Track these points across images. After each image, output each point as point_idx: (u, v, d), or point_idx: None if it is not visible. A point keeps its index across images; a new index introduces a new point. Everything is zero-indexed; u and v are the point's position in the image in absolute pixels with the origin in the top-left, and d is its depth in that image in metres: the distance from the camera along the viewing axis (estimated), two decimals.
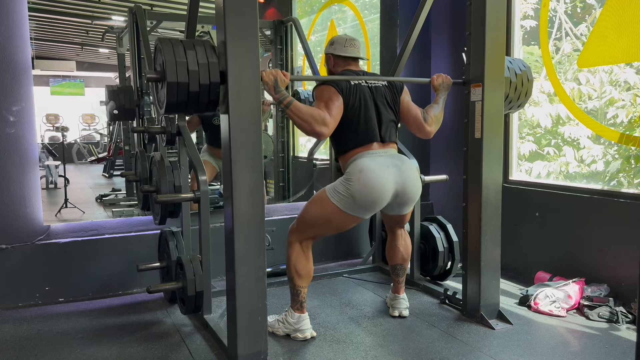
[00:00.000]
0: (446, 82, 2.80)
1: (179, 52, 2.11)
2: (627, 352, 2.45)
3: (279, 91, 2.35)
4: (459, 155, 2.96)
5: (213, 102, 2.21)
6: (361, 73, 2.68)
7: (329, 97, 2.49)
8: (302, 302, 2.61)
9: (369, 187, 2.44)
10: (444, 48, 4.32)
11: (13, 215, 3.16)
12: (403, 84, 2.77)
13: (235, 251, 2.21)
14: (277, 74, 2.35)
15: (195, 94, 2.15)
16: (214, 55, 2.17)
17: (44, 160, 8.41)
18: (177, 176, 2.79)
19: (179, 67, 2.10)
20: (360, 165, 2.48)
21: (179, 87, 2.11)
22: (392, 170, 2.51)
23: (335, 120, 2.47)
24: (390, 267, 3.00)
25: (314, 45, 6.26)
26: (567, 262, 3.30)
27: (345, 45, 2.69)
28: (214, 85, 2.16)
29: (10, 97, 3.11)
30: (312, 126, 2.38)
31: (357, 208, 2.49)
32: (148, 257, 3.21)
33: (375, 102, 2.60)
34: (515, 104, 3.02)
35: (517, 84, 2.94)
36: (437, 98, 2.78)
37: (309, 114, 2.37)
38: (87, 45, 11.67)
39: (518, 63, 3.02)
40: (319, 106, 2.46)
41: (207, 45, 2.19)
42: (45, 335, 2.74)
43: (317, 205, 2.57)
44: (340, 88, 2.51)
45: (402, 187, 2.54)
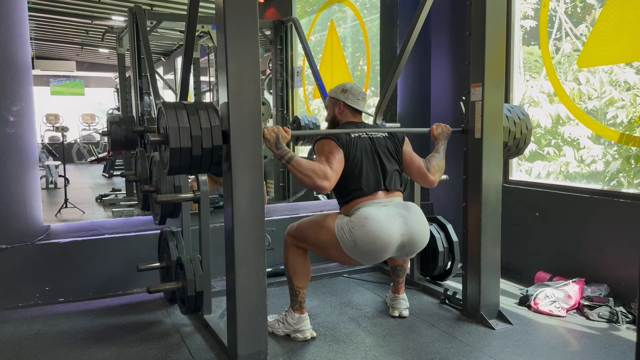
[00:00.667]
0: (445, 131, 2.81)
1: (182, 118, 2.12)
2: (627, 352, 2.45)
3: (280, 147, 2.35)
4: (459, 155, 2.96)
5: (215, 163, 2.22)
6: (362, 125, 2.69)
7: (329, 150, 2.48)
8: (301, 302, 2.61)
9: (374, 236, 2.39)
10: (444, 48, 4.32)
11: (13, 215, 3.16)
12: (404, 135, 2.77)
13: (235, 251, 2.21)
14: (278, 131, 2.35)
15: (198, 158, 2.16)
16: (216, 119, 2.17)
17: (44, 160, 8.41)
18: (177, 176, 2.79)
19: (182, 133, 2.10)
20: (366, 213, 2.44)
21: (182, 152, 2.12)
22: (399, 221, 2.46)
23: (337, 174, 2.45)
24: (390, 267, 3.00)
25: (314, 45, 6.26)
26: (567, 262, 3.30)
27: (358, 97, 2.70)
28: (216, 148, 2.17)
29: (10, 97, 3.11)
30: (313, 180, 2.36)
31: (358, 254, 2.46)
32: (148, 257, 3.21)
33: (377, 153, 2.59)
34: (513, 151, 3.02)
35: (516, 132, 2.93)
36: (438, 147, 2.79)
37: (310, 169, 2.36)
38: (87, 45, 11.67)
39: (517, 111, 3.00)
40: (320, 160, 2.46)
41: (210, 109, 2.19)
42: (45, 335, 2.74)
43: (321, 231, 2.53)
44: (340, 141, 2.51)
45: (409, 238, 2.49)
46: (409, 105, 4.40)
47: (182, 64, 2.95)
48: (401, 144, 2.70)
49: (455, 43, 4.20)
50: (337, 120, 2.73)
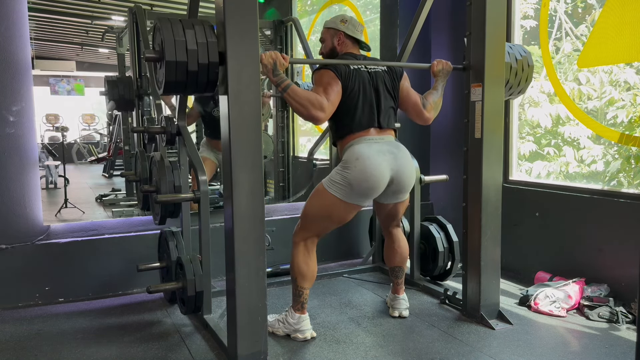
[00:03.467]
0: (446, 68, 2.79)
1: (178, 31, 2.09)
2: (627, 352, 2.45)
3: (277, 74, 2.34)
4: (459, 155, 2.96)
5: (212, 82, 2.19)
6: (361, 57, 2.67)
7: (327, 81, 2.48)
8: (303, 302, 2.61)
9: (366, 173, 2.45)
10: (444, 48, 4.32)
11: (13, 215, 3.16)
12: (403, 70, 2.76)
13: (235, 251, 2.21)
14: (276, 56, 2.33)
15: (194, 74, 2.13)
16: (213, 35, 2.15)
17: (44, 160, 8.40)
18: (177, 176, 2.79)
19: (178, 46, 2.08)
20: (357, 152, 2.49)
21: (178, 67, 2.09)
22: (388, 157, 2.52)
23: (333, 105, 2.47)
24: (389, 268, 3.00)
25: (314, 45, 6.26)
26: (567, 262, 3.30)
27: (358, 29, 2.69)
28: (212, 65, 2.14)
29: (10, 97, 3.11)
30: (309, 110, 2.38)
31: (355, 196, 2.50)
32: (148, 257, 3.21)
33: (374, 88, 2.59)
34: (515, 89, 3.01)
35: (518, 69, 2.93)
36: (436, 84, 2.78)
37: (306, 98, 2.37)
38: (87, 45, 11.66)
39: (518, 49, 3.01)
40: (317, 90, 2.46)
41: (206, 25, 2.17)
42: (45, 335, 2.74)
43: (316, 199, 2.58)
44: (339, 72, 2.50)
45: (397, 173, 2.55)
46: None
47: None
48: (399, 79, 2.70)
49: (455, 43, 4.20)
50: (336, 51, 2.71)
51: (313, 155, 4.58)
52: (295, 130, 5.93)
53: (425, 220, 3.52)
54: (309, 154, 4.63)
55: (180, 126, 2.93)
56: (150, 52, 2.21)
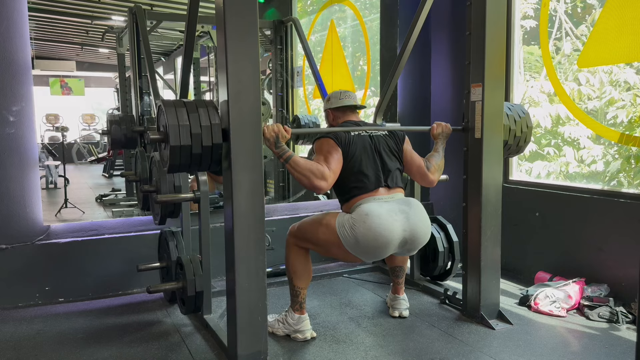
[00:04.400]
0: (445, 130, 2.81)
1: (182, 115, 2.12)
2: (627, 352, 2.45)
3: (279, 146, 2.35)
4: (459, 155, 2.96)
5: (215, 161, 2.21)
6: (361, 123, 2.69)
7: (327, 150, 2.48)
8: (301, 302, 2.61)
9: (376, 233, 2.38)
10: (444, 48, 4.32)
11: (13, 215, 3.16)
12: (404, 134, 2.77)
13: (235, 251, 2.21)
14: (278, 130, 2.35)
15: (198, 156, 2.16)
16: (216, 117, 2.17)
17: (44, 160, 8.41)
18: (177, 176, 2.79)
19: (182, 131, 2.10)
20: (367, 209, 2.43)
21: (182, 150, 2.12)
22: (400, 217, 2.45)
23: (335, 174, 2.45)
24: (389, 268, 3.00)
25: (314, 45, 6.26)
26: (567, 262, 3.30)
27: (340, 97, 2.71)
28: (216, 146, 2.17)
29: (10, 97, 3.11)
30: (310, 181, 2.37)
31: (359, 251, 2.46)
32: (148, 257, 3.21)
33: (377, 150, 2.59)
34: (513, 149, 3.02)
35: (516, 130, 2.93)
36: (437, 146, 2.79)
37: (307, 169, 2.37)
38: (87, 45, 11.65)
39: (518, 109, 3.00)
40: (318, 160, 2.46)
41: (210, 106, 2.19)
42: (45, 335, 2.74)
43: (322, 229, 2.53)
44: (339, 140, 2.51)
45: (411, 234, 2.48)
46: (409, 105, 4.40)
47: (182, 64, 2.95)
48: (402, 142, 2.70)
49: (455, 43, 4.20)
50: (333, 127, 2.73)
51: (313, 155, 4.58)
52: None
53: None
54: (309, 154, 4.63)
55: None
56: (154, 134, 2.23)
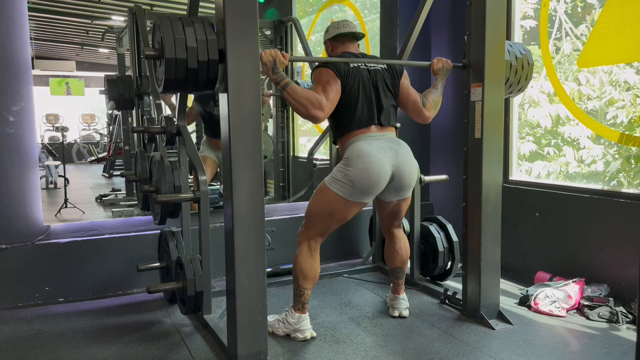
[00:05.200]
0: (446, 66, 2.79)
1: (178, 29, 2.09)
2: (627, 352, 2.45)
3: (276, 72, 2.34)
4: (459, 155, 2.96)
5: (211, 80, 2.19)
6: (360, 55, 2.67)
7: (326, 80, 2.48)
8: (304, 302, 2.61)
9: (367, 170, 2.45)
10: (444, 48, 4.32)
11: (13, 215, 3.16)
12: (403, 68, 2.76)
13: (235, 251, 2.21)
14: (276, 54, 2.34)
15: (193, 71, 2.13)
16: (212, 33, 2.15)
17: (44, 160, 8.40)
18: (177, 176, 2.79)
19: (178, 44, 2.08)
20: (358, 149, 2.49)
21: (177, 64, 2.09)
22: (389, 153, 2.52)
23: (332, 104, 2.47)
24: (389, 270, 2.99)
25: (314, 45, 6.26)
26: (567, 262, 3.30)
27: (338, 27, 2.69)
28: (212, 62, 2.14)
29: (10, 97, 3.11)
30: (307, 109, 2.38)
31: (357, 193, 2.50)
32: (148, 257, 3.21)
33: (374, 86, 2.59)
34: (515, 87, 3.01)
35: (517, 67, 2.93)
36: (436, 82, 2.78)
37: (305, 97, 2.37)
38: (87, 45, 11.66)
39: (518, 47, 3.01)
40: (316, 89, 2.45)
41: (206, 22, 2.17)
42: (45, 335, 2.74)
43: (319, 197, 2.58)
44: (338, 71, 2.50)
45: (398, 169, 2.55)
46: None
47: None
48: (399, 77, 2.69)
49: (455, 43, 4.20)
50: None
51: (313, 155, 4.58)
52: (295, 130, 5.93)
53: (425, 220, 3.52)
54: (309, 154, 4.63)
55: (180, 126, 2.93)
56: (149, 50, 2.21)
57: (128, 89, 5.12)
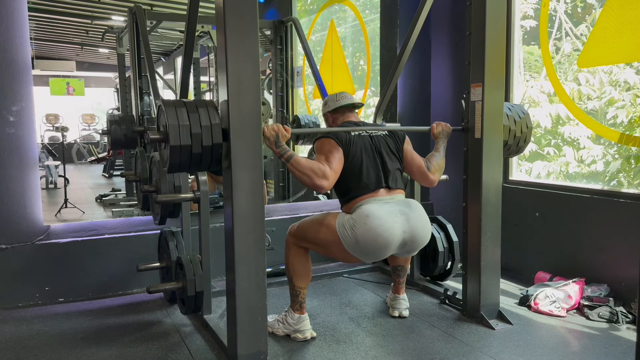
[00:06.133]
0: (446, 130, 2.81)
1: (182, 115, 2.12)
2: (627, 352, 2.45)
3: (279, 146, 2.35)
4: (459, 155, 2.96)
5: (215, 160, 2.22)
6: (361, 123, 2.69)
7: (328, 149, 2.48)
8: (301, 302, 2.61)
9: (376, 234, 2.38)
10: (444, 48, 4.32)
11: (13, 215, 3.16)
12: (404, 133, 2.77)
13: (235, 251, 2.21)
14: (278, 129, 2.35)
15: (198, 155, 2.16)
16: (216, 116, 2.17)
17: (44, 160, 8.41)
18: (177, 176, 2.79)
19: (182, 131, 2.10)
20: (367, 210, 2.43)
21: (182, 150, 2.12)
22: (400, 218, 2.45)
23: (336, 173, 2.45)
24: (391, 267, 2.99)
25: (314, 45, 6.26)
26: (567, 262, 3.30)
27: (337, 99, 2.72)
28: (216, 146, 2.17)
29: (10, 97, 3.11)
30: (312, 180, 2.37)
31: (359, 252, 2.46)
32: (148, 257, 3.21)
33: (378, 151, 2.59)
34: (513, 150, 3.01)
35: (516, 131, 2.93)
36: (438, 146, 2.79)
37: (309, 168, 2.36)
38: (87, 45, 11.66)
39: (518, 110, 3.00)
40: (319, 159, 2.46)
41: (210, 106, 2.19)
42: (45, 335, 2.74)
43: (322, 230, 2.53)
44: (339, 140, 2.50)
45: (411, 235, 2.48)
46: (409, 105, 4.40)
47: (182, 64, 2.95)
48: (402, 142, 2.70)
49: (455, 43, 4.20)
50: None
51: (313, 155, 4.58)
52: None
53: None
54: (309, 154, 4.63)
55: None
56: (154, 134, 2.23)
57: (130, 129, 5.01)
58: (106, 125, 4.80)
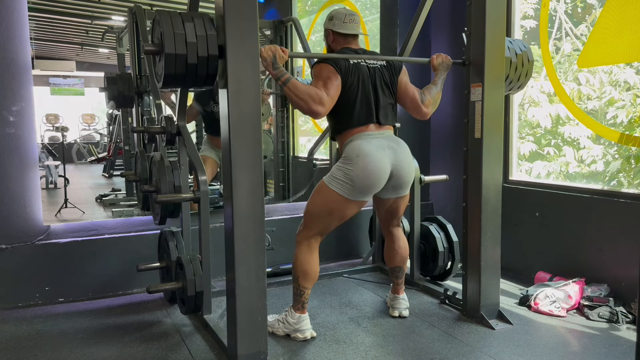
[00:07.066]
0: (446, 61, 2.79)
1: (178, 24, 2.10)
2: (627, 352, 2.45)
3: (277, 67, 2.34)
4: (459, 155, 2.96)
5: (211, 75, 2.19)
6: (360, 51, 2.66)
7: (327, 75, 2.48)
8: (304, 302, 2.61)
9: (367, 170, 2.47)
10: (444, 48, 4.32)
11: (13, 215, 3.16)
12: (402, 64, 2.76)
13: (235, 251, 2.21)
14: (275, 49, 2.33)
15: (193, 67, 2.13)
16: (212, 28, 2.15)
17: (44, 160, 8.40)
18: (177, 176, 2.79)
19: (177, 39, 2.08)
20: (358, 148, 2.50)
21: (177, 59, 2.09)
22: (388, 152, 2.54)
23: (333, 100, 2.47)
24: (389, 269, 2.99)
25: (314, 45, 6.26)
26: (567, 262, 3.30)
27: (344, 20, 2.66)
28: (212, 58, 2.14)
29: (10, 97, 3.11)
30: (308, 105, 2.38)
31: (356, 192, 2.51)
32: (148, 257, 3.21)
33: (373, 83, 2.60)
34: (515, 84, 3.00)
35: (518, 64, 2.93)
36: (436, 78, 2.77)
37: (306, 93, 2.37)
38: (87, 45, 11.67)
39: (518, 43, 3.01)
40: (316, 84, 2.45)
41: (205, 18, 2.17)
42: (45, 335, 2.74)
43: (318, 196, 2.59)
44: (338, 67, 2.50)
45: (397, 168, 2.57)
46: None
47: None
48: (397, 74, 2.69)
49: (455, 43, 4.20)
50: (332, 50, 2.71)
51: (313, 155, 4.58)
52: (295, 130, 5.92)
53: (425, 220, 3.52)
54: (309, 154, 4.63)
55: (180, 126, 2.93)
56: (149, 45, 2.20)
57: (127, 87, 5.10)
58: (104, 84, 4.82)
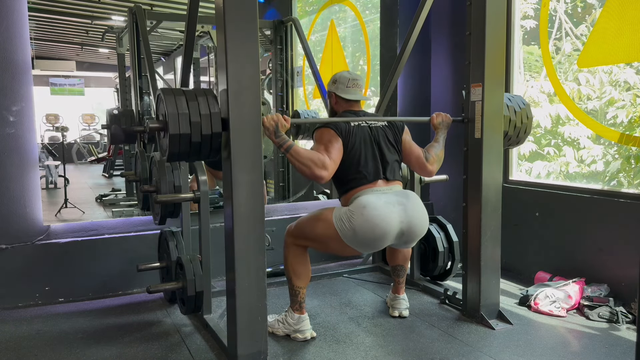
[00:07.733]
0: (446, 120, 2.80)
1: (181, 103, 2.12)
2: (627, 352, 2.45)
3: (279, 136, 2.34)
4: (459, 155, 2.96)
5: (215, 150, 2.22)
6: (361, 114, 2.68)
7: (328, 139, 2.48)
8: (301, 302, 2.61)
9: (372, 224, 2.40)
10: (444, 48, 4.32)
11: (13, 215, 3.16)
12: (404, 124, 2.76)
13: (235, 251, 2.21)
14: (277, 119, 2.34)
15: (197, 144, 2.16)
16: (215, 105, 2.17)
17: (44, 160, 8.41)
18: (177, 176, 2.79)
19: (182, 119, 2.10)
20: (365, 201, 2.44)
21: (181, 139, 2.12)
22: (398, 209, 2.46)
23: (335, 163, 2.46)
24: (390, 267, 3.00)
25: (314, 45, 6.26)
26: (567, 262, 3.30)
27: (347, 85, 2.67)
28: (215, 135, 2.16)
29: (10, 97, 3.11)
30: (312, 170, 2.36)
31: (357, 243, 2.46)
32: (148, 257, 3.20)
33: (377, 142, 2.59)
34: (514, 141, 3.01)
35: (517, 121, 2.93)
36: (437, 137, 2.78)
37: (308, 158, 2.36)
38: (87, 45, 11.66)
39: (518, 100, 2.99)
40: (318, 149, 2.45)
41: (209, 95, 2.19)
42: (45, 335, 2.74)
43: (320, 224, 2.53)
44: (339, 130, 2.50)
45: (408, 225, 2.49)
46: (409, 106, 4.40)
47: (182, 64, 2.95)
48: (401, 133, 2.70)
49: (455, 43, 4.20)
50: (334, 111, 2.74)
51: None
52: None
53: None
54: None
55: None
56: (154, 123, 2.23)
57: (130, 124, 5.01)
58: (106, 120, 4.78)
